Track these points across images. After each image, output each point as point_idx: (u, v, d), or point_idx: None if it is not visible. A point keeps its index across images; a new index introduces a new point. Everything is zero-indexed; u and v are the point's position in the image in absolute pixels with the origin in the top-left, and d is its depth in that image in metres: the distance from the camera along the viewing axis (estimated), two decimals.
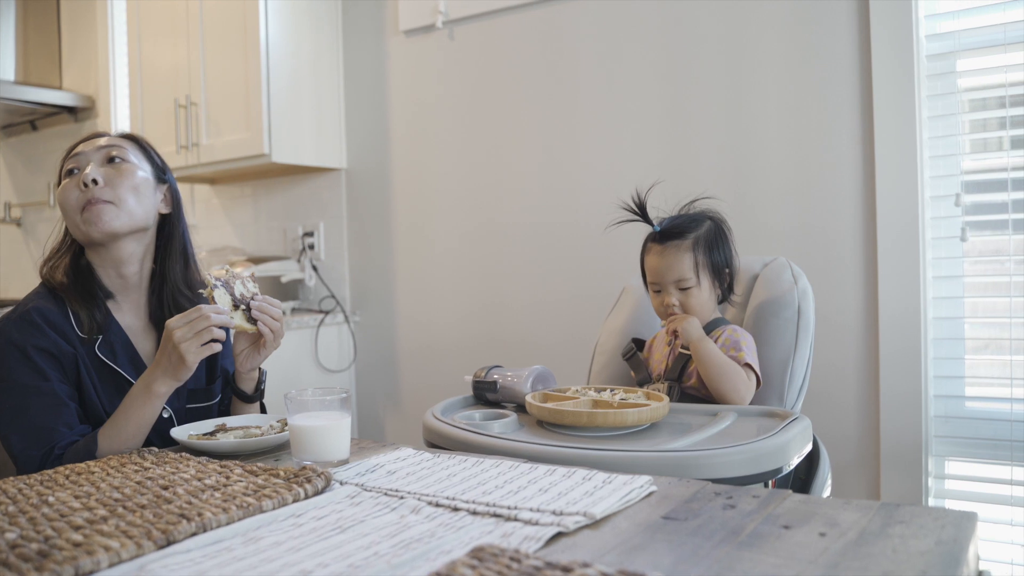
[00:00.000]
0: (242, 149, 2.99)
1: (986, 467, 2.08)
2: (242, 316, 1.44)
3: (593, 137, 2.63)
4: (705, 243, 1.71)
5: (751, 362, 1.63)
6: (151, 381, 1.36)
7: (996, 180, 2.07)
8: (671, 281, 1.71)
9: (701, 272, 1.70)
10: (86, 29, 3.87)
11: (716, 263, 1.72)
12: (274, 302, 1.50)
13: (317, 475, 1.04)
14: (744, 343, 1.66)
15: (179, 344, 1.32)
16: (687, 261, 1.69)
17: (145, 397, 1.36)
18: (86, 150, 1.55)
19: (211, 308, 1.36)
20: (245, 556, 0.80)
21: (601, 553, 0.79)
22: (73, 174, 1.53)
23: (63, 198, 1.51)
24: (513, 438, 1.33)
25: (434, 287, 3.03)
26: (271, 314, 1.48)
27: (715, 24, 2.39)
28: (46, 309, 1.45)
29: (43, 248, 1.61)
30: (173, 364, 1.34)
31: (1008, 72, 2.03)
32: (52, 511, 0.93)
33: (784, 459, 1.25)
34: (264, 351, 1.52)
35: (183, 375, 1.36)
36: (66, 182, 1.53)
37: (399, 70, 3.08)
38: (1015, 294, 2.04)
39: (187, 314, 1.36)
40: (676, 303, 1.70)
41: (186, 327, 1.33)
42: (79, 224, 1.50)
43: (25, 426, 1.37)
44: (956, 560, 0.73)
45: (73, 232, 1.53)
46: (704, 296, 1.71)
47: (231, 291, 1.44)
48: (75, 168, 1.53)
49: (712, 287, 1.73)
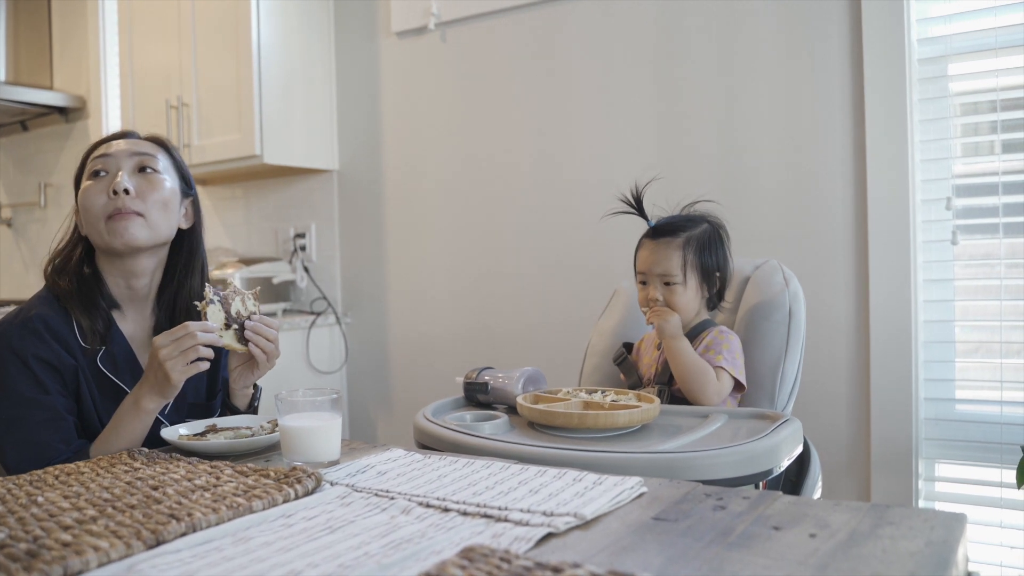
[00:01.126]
0: (234, 150, 2.98)
1: (976, 469, 2.09)
2: (233, 335, 1.41)
3: (585, 139, 2.64)
4: (697, 244, 1.71)
5: (725, 365, 1.63)
6: (139, 397, 1.34)
7: (987, 184, 2.08)
8: (657, 274, 1.72)
9: (688, 271, 1.70)
10: (77, 29, 3.86)
11: (706, 265, 1.72)
12: (271, 323, 1.46)
13: (307, 476, 1.04)
14: (725, 347, 1.66)
15: (164, 362, 1.30)
16: (676, 258, 1.70)
17: (134, 413, 1.35)
18: (116, 153, 1.50)
19: (198, 325, 1.33)
20: (235, 556, 0.80)
21: (591, 554, 0.79)
22: (100, 176, 1.48)
23: (88, 201, 1.47)
24: (504, 439, 1.33)
25: (426, 289, 3.02)
26: (266, 335, 1.44)
27: (707, 27, 2.40)
28: (49, 317, 1.42)
29: (49, 246, 1.56)
30: (159, 381, 1.32)
31: (999, 76, 2.04)
32: (41, 511, 0.93)
33: (774, 461, 1.25)
34: (257, 371, 1.50)
35: (169, 393, 1.33)
36: (91, 184, 1.48)
37: (391, 71, 3.08)
38: (1005, 298, 2.05)
39: (174, 331, 1.32)
40: (660, 298, 1.71)
41: (172, 345, 1.31)
42: (102, 232, 1.46)
43: (21, 439, 1.35)
44: (945, 561, 0.74)
45: (92, 237, 1.49)
46: (688, 296, 1.71)
47: (227, 308, 1.40)
48: (103, 170, 1.49)
49: (699, 289, 1.73)
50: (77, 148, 3.87)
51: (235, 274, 2.95)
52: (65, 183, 3.93)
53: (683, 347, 1.63)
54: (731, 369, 1.64)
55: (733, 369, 1.64)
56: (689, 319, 1.73)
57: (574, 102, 2.66)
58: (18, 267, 4.24)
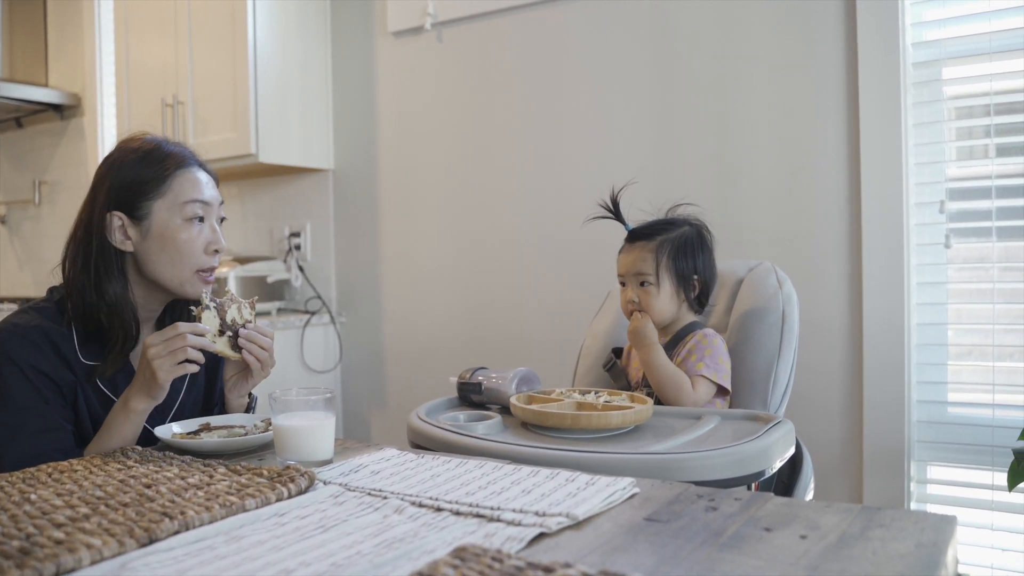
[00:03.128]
0: (229, 149, 2.97)
1: (967, 472, 2.09)
2: (227, 342, 1.41)
3: (580, 139, 2.64)
4: (672, 247, 1.72)
5: (706, 373, 1.64)
6: (128, 397, 1.34)
7: (980, 187, 2.09)
8: (632, 275, 1.73)
9: (662, 273, 1.71)
10: (73, 26, 3.85)
11: (680, 269, 1.72)
12: (266, 332, 1.45)
13: (300, 475, 1.04)
14: (708, 352, 1.66)
15: (152, 361, 1.30)
16: (649, 260, 1.71)
17: (124, 414, 1.34)
18: (212, 201, 1.49)
19: (189, 327, 1.33)
20: (227, 555, 0.80)
21: (583, 554, 0.79)
22: (199, 221, 1.46)
23: (186, 246, 1.44)
24: (497, 439, 1.33)
25: (420, 288, 3.02)
26: (260, 343, 1.44)
27: (703, 30, 2.40)
28: (51, 331, 1.39)
29: (65, 249, 1.48)
30: (147, 381, 1.32)
31: (993, 81, 2.05)
32: (34, 509, 0.93)
33: (766, 462, 1.25)
34: (252, 380, 1.49)
35: (157, 393, 1.33)
36: (190, 230, 1.45)
37: (387, 71, 3.08)
38: (998, 301, 2.06)
39: (164, 331, 1.32)
40: (636, 299, 1.72)
41: (161, 345, 1.30)
42: (187, 280, 1.45)
43: (19, 449, 1.33)
44: (935, 563, 0.74)
45: (164, 274, 1.45)
46: (663, 298, 1.72)
47: (222, 314, 1.40)
48: (203, 216, 1.47)
49: (675, 291, 1.73)
50: (72, 146, 3.87)
51: (230, 273, 2.94)
52: (60, 181, 3.94)
53: (655, 357, 1.63)
54: (712, 376, 1.64)
55: (715, 375, 1.64)
56: (665, 321, 1.74)
57: (570, 102, 2.66)
58: (12, 265, 4.23)
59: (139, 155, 1.46)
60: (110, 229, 1.44)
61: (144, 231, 1.44)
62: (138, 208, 1.44)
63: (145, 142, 1.50)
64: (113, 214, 1.43)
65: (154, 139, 1.51)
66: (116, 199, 1.44)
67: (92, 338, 1.44)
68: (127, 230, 1.44)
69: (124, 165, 1.46)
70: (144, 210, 1.44)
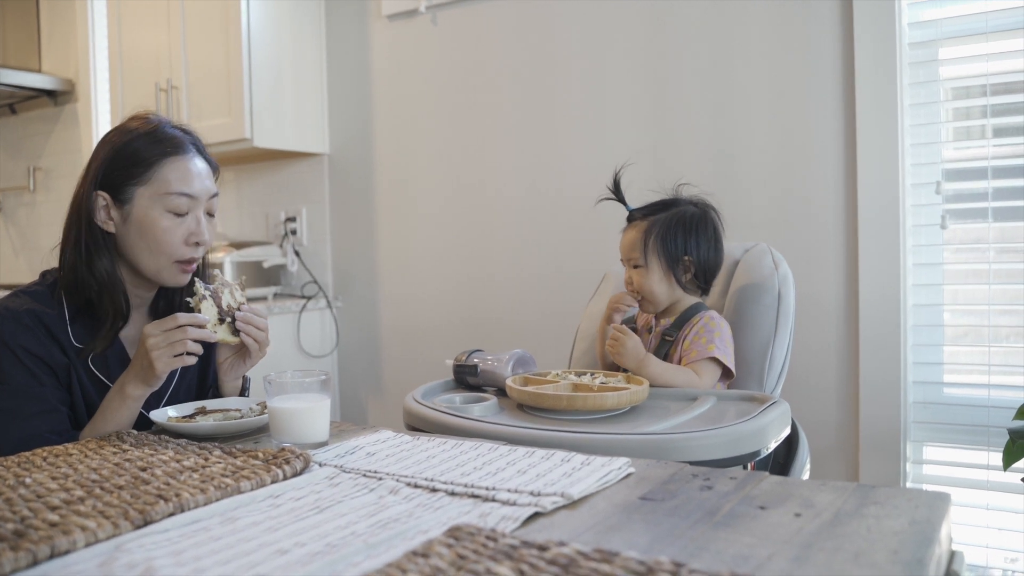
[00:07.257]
0: (224, 133, 2.96)
1: (963, 452, 2.10)
2: (227, 329, 1.41)
3: (576, 122, 2.63)
4: (662, 227, 1.70)
5: (718, 355, 1.63)
6: (124, 383, 1.34)
7: (977, 168, 2.08)
8: (626, 258, 1.75)
9: (650, 255, 1.70)
10: (66, 11, 3.83)
11: (669, 249, 1.70)
12: (260, 312, 1.45)
13: (296, 456, 1.04)
14: (717, 334, 1.66)
15: (151, 351, 1.29)
16: (638, 242, 1.71)
17: (120, 399, 1.34)
18: (198, 194, 1.44)
19: (189, 318, 1.32)
20: (222, 536, 0.80)
21: (578, 533, 0.79)
22: (182, 214, 1.43)
23: (164, 237, 1.41)
24: (493, 421, 1.33)
25: (416, 272, 3.02)
26: (256, 325, 1.44)
27: (699, 12, 2.39)
28: (43, 314, 1.39)
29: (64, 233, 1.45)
30: (144, 369, 1.31)
31: (990, 61, 2.04)
32: (29, 492, 0.93)
33: (762, 442, 1.26)
34: (249, 361, 1.49)
35: (153, 382, 1.33)
36: (171, 220, 1.42)
37: (382, 55, 3.07)
38: (994, 282, 2.06)
39: (165, 322, 1.31)
40: (631, 280, 1.74)
41: (161, 336, 1.30)
42: (165, 270, 1.43)
43: (16, 431, 1.33)
44: (928, 539, 0.74)
45: (146, 264, 1.43)
46: (653, 279, 1.71)
47: (218, 302, 1.40)
48: (186, 211, 1.43)
49: (666, 273, 1.71)
50: (66, 131, 3.85)
51: (226, 258, 2.94)
52: (54, 167, 3.92)
53: (653, 368, 1.61)
54: (723, 358, 1.63)
55: (725, 357, 1.64)
56: (662, 302, 1.73)
57: (565, 85, 2.65)
58: (7, 251, 4.22)
59: (132, 136, 1.43)
60: (95, 208, 1.42)
61: (124, 215, 1.42)
62: (122, 191, 1.41)
63: (145, 122, 1.46)
64: (99, 193, 1.42)
65: (154, 120, 1.48)
66: (103, 179, 1.42)
67: (84, 319, 1.43)
68: (110, 211, 1.42)
69: (117, 145, 1.43)
70: (127, 194, 1.41)
